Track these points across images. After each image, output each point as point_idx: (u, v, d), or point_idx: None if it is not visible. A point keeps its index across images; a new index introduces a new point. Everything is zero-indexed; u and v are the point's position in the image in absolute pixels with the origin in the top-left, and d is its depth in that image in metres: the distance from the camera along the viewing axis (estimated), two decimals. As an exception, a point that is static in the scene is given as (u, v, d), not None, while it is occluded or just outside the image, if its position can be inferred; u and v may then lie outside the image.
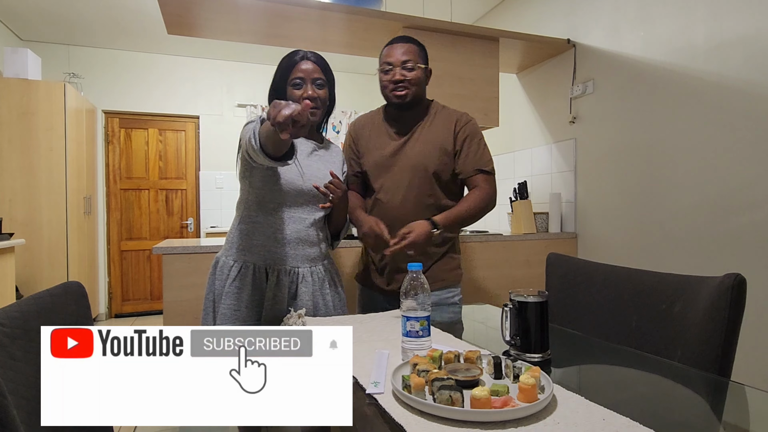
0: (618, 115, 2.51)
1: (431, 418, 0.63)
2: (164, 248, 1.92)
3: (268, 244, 1.33)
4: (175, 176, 4.80)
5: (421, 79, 1.50)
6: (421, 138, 1.52)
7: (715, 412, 0.75)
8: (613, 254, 2.54)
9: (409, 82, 1.46)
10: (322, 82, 1.36)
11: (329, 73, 1.40)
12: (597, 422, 0.61)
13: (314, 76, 1.34)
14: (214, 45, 4.27)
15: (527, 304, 0.89)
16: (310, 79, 1.34)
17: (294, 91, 1.34)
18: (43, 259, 3.45)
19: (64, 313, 0.89)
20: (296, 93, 1.34)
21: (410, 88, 1.47)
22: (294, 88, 1.34)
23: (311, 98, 1.32)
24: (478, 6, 3.67)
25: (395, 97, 1.48)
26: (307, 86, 1.34)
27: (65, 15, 3.75)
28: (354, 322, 1.20)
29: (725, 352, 0.89)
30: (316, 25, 2.45)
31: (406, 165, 1.50)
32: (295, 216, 1.35)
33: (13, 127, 3.38)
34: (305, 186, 1.35)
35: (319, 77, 1.35)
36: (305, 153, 1.41)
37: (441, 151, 1.50)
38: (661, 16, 2.26)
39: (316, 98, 1.34)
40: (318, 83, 1.35)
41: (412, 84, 1.47)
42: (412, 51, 1.48)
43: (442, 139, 1.51)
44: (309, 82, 1.34)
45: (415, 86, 1.48)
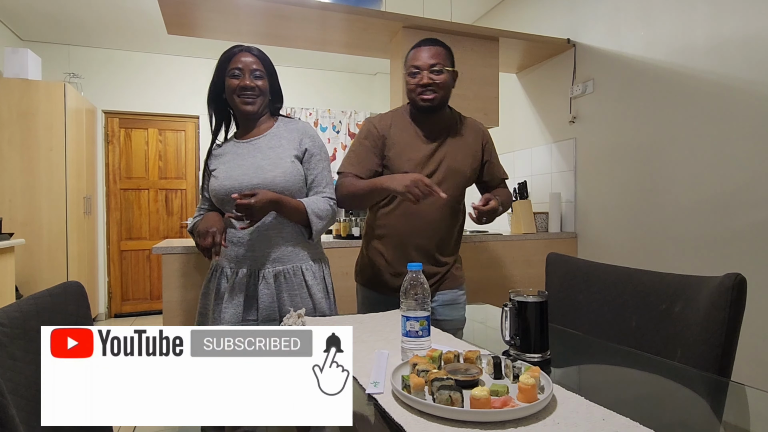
0: (618, 114, 2.51)
1: (431, 418, 0.63)
2: (164, 248, 1.92)
3: (231, 248, 1.34)
4: (175, 176, 4.79)
5: (449, 82, 1.48)
6: (455, 144, 1.53)
7: (715, 412, 0.75)
8: (612, 254, 2.54)
9: (438, 86, 1.44)
10: (261, 74, 1.37)
11: (270, 66, 1.40)
12: (597, 422, 0.61)
13: (253, 68, 1.35)
14: (214, 45, 4.27)
15: (527, 304, 0.89)
16: (248, 70, 1.35)
17: (232, 80, 1.35)
18: (42, 259, 3.45)
19: (64, 313, 0.89)
20: (234, 82, 1.34)
21: (438, 92, 1.45)
22: (232, 78, 1.35)
23: (248, 87, 1.34)
24: (477, 6, 3.67)
25: (422, 101, 1.45)
26: (245, 76, 1.34)
27: (65, 15, 3.75)
28: (354, 322, 1.20)
29: (725, 352, 0.89)
30: (316, 25, 2.45)
31: (443, 170, 1.49)
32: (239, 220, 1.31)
33: (13, 127, 3.38)
34: (234, 185, 1.31)
35: (258, 68, 1.36)
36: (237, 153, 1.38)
37: (473, 159, 1.55)
38: (662, 15, 2.26)
39: (255, 87, 1.35)
40: (256, 74, 1.36)
41: (440, 88, 1.45)
42: (440, 54, 1.47)
43: (474, 149, 1.56)
44: (247, 72, 1.35)
45: (443, 90, 1.46)
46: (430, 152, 1.50)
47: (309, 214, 1.32)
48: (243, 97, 1.35)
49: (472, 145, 1.55)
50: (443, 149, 1.51)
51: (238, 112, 1.40)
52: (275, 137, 1.40)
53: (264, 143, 1.39)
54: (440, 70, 1.45)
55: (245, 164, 1.35)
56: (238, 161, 1.37)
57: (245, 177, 1.32)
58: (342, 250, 2.21)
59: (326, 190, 1.40)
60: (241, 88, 1.34)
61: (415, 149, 1.50)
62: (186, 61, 4.74)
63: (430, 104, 1.46)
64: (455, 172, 1.51)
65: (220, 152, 1.43)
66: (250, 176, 1.32)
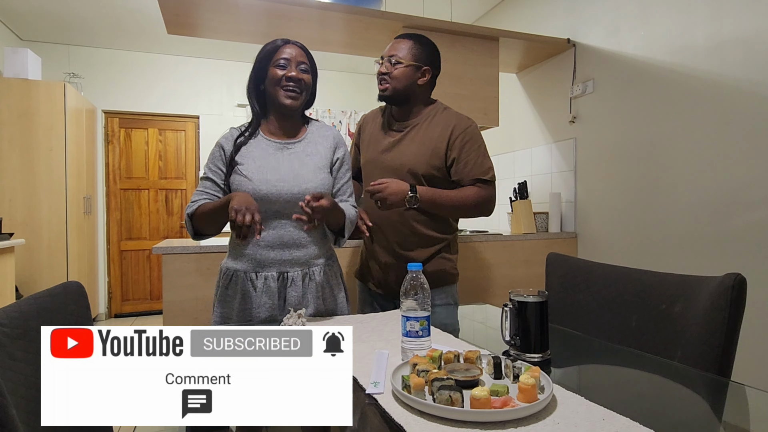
0: (618, 114, 2.51)
1: (431, 418, 0.63)
2: (164, 248, 1.92)
3: (253, 251, 1.30)
4: (175, 176, 4.80)
5: (407, 75, 1.46)
6: (416, 138, 1.49)
7: (715, 412, 0.75)
8: (612, 254, 2.54)
9: (389, 76, 1.46)
10: (307, 68, 1.32)
11: (313, 63, 1.36)
12: (597, 422, 0.61)
13: (300, 60, 1.31)
14: (214, 45, 4.27)
15: (527, 304, 0.89)
16: (295, 62, 1.30)
17: (276, 70, 1.28)
18: (42, 259, 3.45)
19: (64, 312, 0.89)
20: (278, 72, 1.28)
21: (390, 82, 1.46)
22: (277, 68, 1.29)
23: (295, 78, 1.28)
24: (477, 5, 3.67)
25: (379, 90, 1.49)
26: (291, 67, 1.29)
27: (65, 15, 3.75)
28: (354, 322, 1.20)
29: (725, 352, 0.89)
30: (316, 25, 2.44)
31: (395, 164, 1.48)
32: (272, 222, 1.28)
33: (13, 127, 3.38)
34: (272, 191, 1.26)
35: (304, 62, 1.31)
36: (268, 153, 1.32)
37: (432, 155, 1.46)
38: (661, 15, 2.26)
39: (300, 80, 1.30)
40: (302, 67, 1.31)
41: (391, 78, 1.46)
42: (402, 47, 1.47)
43: (436, 143, 1.47)
44: (294, 64, 1.30)
45: (395, 81, 1.45)
46: (387, 147, 1.51)
47: (346, 220, 1.33)
48: (287, 90, 1.29)
49: (435, 141, 1.47)
50: (401, 144, 1.50)
51: (276, 105, 1.33)
52: (311, 143, 1.36)
53: (300, 149, 1.34)
54: (395, 62, 1.45)
55: (282, 169, 1.30)
56: (273, 164, 1.30)
57: (283, 184, 1.27)
58: (342, 250, 2.21)
59: (350, 199, 1.41)
60: (287, 79, 1.28)
61: (378, 140, 1.53)
62: (186, 61, 4.74)
63: (382, 94, 1.49)
64: (403, 169, 1.46)
65: (248, 147, 1.33)
66: (290, 184, 1.27)
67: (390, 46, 1.50)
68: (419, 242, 1.50)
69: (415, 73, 1.47)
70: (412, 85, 1.47)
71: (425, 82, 1.50)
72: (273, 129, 1.36)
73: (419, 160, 1.46)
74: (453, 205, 1.45)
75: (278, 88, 1.29)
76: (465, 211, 1.48)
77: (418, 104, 1.52)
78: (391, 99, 1.49)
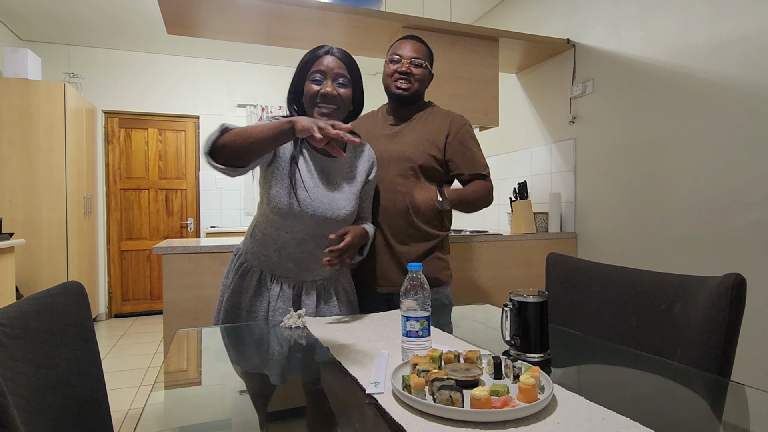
0: (618, 114, 2.51)
1: (431, 418, 0.63)
2: (165, 248, 1.92)
3: (274, 257, 1.29)
4: (175, 176, 4.80)
5: (425, 77, 1.55)
6: (414, 131, 1.54)
7: (715, 412, 0.75)
8: (612, 254, 2.54)
9: (414, 77, 1.50)
10: (345, 81, 1.23)
11: (355, 73, 1.27)
12: (597, 422, 0.61)
13: (337, 72, 1.22)
14: (214, 45, 4.28)
15: (527, 304, 0.89)
16: (332, 75, 1.22)
17: (312, 85, 1.21)
18: (42, 259, 3.45)
19: (64, 313, 0.89)
20: (313, 88, 1.21)
21: (414, 83, 1.51)
22: (312, 83, 1.21)
23: (330, 95, 1.20)
24: (477, 6, 3.67)
25: (396, 88, 1.50)
26: (327, 82, 1.21)
27: (65, 15, 3.75)
28: (354, 322, 1.21)
29: (725, 352, 0.89)
30: (316, 25, 2.45)
31: (394, 155, 1.51)
32: (299, 237, 1.26)
33: (13, 127, 3.38)
34: (306, 211, 1.22)
35: (343, 74, 1.23)
36: (306, 171, 1.26)
37: (430, 146, 1.51)
38: (661, 16, 2.26)
39: (336, 96, 1.21)
40: (340, 81, 1.22)
41: (416, 79, 1.51)
42: (422, 50, 1.53)
43: (434, 136, 1.52)
44: (330, 78, 1.22)
45: (419, 83, 1.52)
46: (389, 137, 1.55)
47: (369, 242, 1.34)
48: (321, 108, 1.21)
49: (433, 132, 1.53)
50: (400, 136, 1.54)
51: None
52: (348, 164, 1.33)
53: (337, 170, 1.30)
54: (420, 64, 1.50)
55: (318, 191, 1.24)
56: (312, 181, 1.25)
57: (319, 207, 1.23)
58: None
59: (370, 216, 1.43)
60: (321, 96, 1.20)
61: (376, 135, 1.56)
62: (186, 61, 4.74)
63: (403, 92, 1.50)
64: (403, 159, 1.50)
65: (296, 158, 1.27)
66: (324, 208, 1.23)
67: (410, 47, 1.52)
68: (417, 236, 1.52)
69: (429, 75, 1.57)
70: (424, 87, 1.57)
71: (428, 84, 1.60)
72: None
73: (418, 150, 1.50)
74: (475, 201, 1.53)
75: (313, 106, 1.22)
76: (481, 205, 1.55)
77: (420, 103, 1.60)
78: (410, 98, 1.54)
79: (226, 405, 0.77)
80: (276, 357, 1.01)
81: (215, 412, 0.74)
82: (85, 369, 0.89)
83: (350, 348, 0.97)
